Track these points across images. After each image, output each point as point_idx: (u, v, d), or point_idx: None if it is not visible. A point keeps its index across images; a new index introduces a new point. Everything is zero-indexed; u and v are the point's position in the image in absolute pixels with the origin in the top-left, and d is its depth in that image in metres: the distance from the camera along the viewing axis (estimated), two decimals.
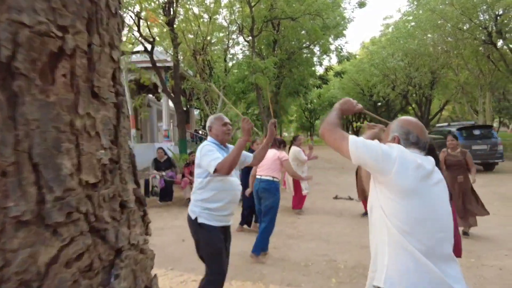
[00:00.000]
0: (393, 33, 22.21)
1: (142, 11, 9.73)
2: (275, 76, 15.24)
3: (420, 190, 1.40)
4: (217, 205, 2.51)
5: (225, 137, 2.68)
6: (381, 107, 33.47)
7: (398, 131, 1.60)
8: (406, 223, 1.37)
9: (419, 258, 1.34)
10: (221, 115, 2.81)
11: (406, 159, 1.41)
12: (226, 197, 2.54)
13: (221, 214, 2.55)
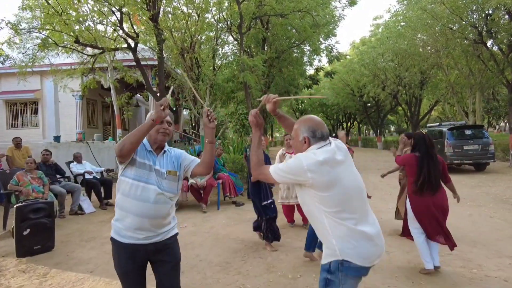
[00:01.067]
0: (383, 33, 22.10)
1: (124, 6, 9.28)
2: (265, 74, 14.88)
3: (335, 178, 1.78)
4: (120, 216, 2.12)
5: (158, 137, 2.19)
6: (371, 107, 33.45)
7: (305, 132, 1.93)
8: (336, 206, 1.77)
9: (351, 227, 1.77)
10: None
11: (313, 163, 1.77)
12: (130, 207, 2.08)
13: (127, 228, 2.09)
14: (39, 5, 9.14)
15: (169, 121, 2.26)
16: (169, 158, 2.25)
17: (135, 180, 2.07)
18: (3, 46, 9.77)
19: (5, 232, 5.51)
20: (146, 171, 2.10)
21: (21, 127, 15.70)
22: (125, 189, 2.09)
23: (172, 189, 2.18)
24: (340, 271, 1.79)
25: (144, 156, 2.14)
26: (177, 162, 2.26)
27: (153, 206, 2.07)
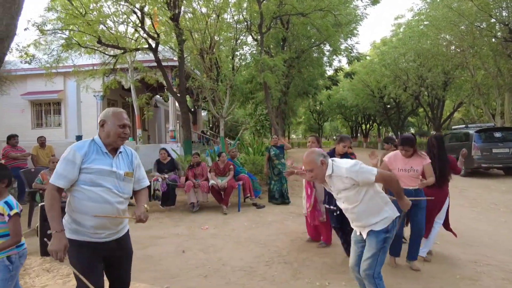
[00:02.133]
0: (405, 33, 21.54)
1: (145, 5, 9.31)
2: (285, 75, 14.72)
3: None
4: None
5: (118, 141, 2.19)
6: (391, 108, 32.70)
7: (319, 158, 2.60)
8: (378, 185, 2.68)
9: (384, 195, 2.71)
10: (122, 111, 2.26)
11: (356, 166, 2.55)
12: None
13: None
14: (63, 6, 9.28)
15: (129, 125, 2.25)
16: (125, 159, 2.27)
17: (93, 186, 2.08)
18: (30, 48, 9.92)
19: (30, 230, 5.55)
20: (104, 176, 2.11)
21: (45, 127, 16.07)
22: (82, 195, 2.09)
23: (129, 190, 2.26)
24: (394, 227, 2.60)
25: (100, 160, 2.12)
26: (132, 163, 2.29)
27: (114, 206, 2.14)
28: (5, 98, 14.72)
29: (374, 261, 2.54)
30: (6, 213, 2.43)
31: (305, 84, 17.49)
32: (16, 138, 8.06)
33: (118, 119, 2.18)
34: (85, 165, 2.07)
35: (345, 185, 2.52)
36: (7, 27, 3.35)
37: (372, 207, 2.55)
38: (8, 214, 2.43)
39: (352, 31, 16.45)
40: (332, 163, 2.57)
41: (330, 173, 2.56)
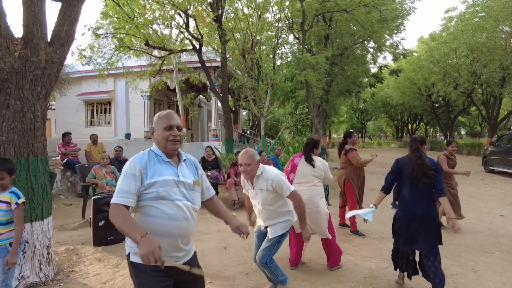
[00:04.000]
0: (457, 26, 20.21)
1: (190, 7, 9.59)
2: (327, 73, 14.47)
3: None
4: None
5: (168, 145, 1.88)
6: (439, 107, 30.91)
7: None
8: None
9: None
10: (167, 113, 1.96)
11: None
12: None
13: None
14: (115, 11, 9.83)
15: (179, 125, 1.93)
16: (189, 167, 2.01)
17: (157, 201, 1.80)
18: (86, 51, 10.62)
19: (83, 222, 5.94)
20: (170, 187, 1.84)
21: (97, 125, 17.14)
22: (147, 213, 1.81)
23: (198, 201, 2.01)
24: (289, 229, 3.23)
25: (163, 170, 1.85)
26: (196, 171, 2.04)
27: (185, 223, 1.86)
28: (63, 98, 15.92)
29: (269, 252, 3.06)
30: (14, 201, 2.67)
31: (348, 82, 17.06)
32: (69, 136, 8.66)
33: (164, 121, 1.91)
34: (147, 178, 1.81)
35: (268, 187, 2.96)
36: (67, 33, 3.60)
37: (279, 211, 3.08)
38: (16, 202, 2.68)
39: (398, 26, 15.76)
40: (262, 166, 3.05)
41: (260, 173, 3.00)
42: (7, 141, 3.34)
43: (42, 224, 3.58)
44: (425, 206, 3.13)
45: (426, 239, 3.11)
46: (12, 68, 3.25)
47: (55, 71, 3.60)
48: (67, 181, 8.39)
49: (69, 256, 4.33)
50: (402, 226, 3.27)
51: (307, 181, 3.91)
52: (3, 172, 2.68)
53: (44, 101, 3.58)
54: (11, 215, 2.72)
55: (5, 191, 2.73)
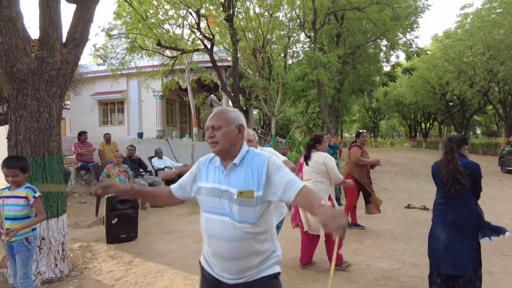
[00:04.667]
0: (473, 23, 19.77)
1: (201, 7, 9.64)
2: (339, 71, 14.38)
3: None
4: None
5: (211, 148, 1.60)
6: (454, 106, 30.31)
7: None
8: None
9: None
10: (211, 113, 1.66)
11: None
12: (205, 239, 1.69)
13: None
14: (128, 12, 9.96)
15: (214, 125, 1.58)
16: (245, 172, 1.56)
17: (208, 213, 1.61)
18: (100, 51, 10.79)
19: (97, 219, 6.04)
20: (214, 197, 1.59)
21: (110, 125, 17.40)
22: (200, 222, 1.69)
23: (247, 217, 1.53)
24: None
25: (211, 175, 1.63)
26: (259, 176, 1.54)
27: (229, 244, 1.54)
28: (77, 98, 16.21)
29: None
30: (31, 196, 2.80)
31: (360, 80, 16.90)
32: (85, 135, 8.80)
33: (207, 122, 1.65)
34: (198, 181, 1.69)
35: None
36: (81, 34, 3.67)
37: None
38: (34, 196, 2.80)
39: (411, 24, 15.53)
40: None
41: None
42: (24, 140, 3.42)
43: (57, 221, 3.65)
44: (456, 217, 2.77)
45: (455, 257, 2.68)
46: (29, 69, 3.33)
47: (70, 71, 3.67)
48: (81, 179, 8.54)
49: (83, 253, 4.41)
50: (433, 242, 2.89)
51: (309, 178, 3.92)
52: (16, 169, 2.77)
53: (59, 101, 3.65)
54: (26, 210, 2.82)
55: (19, 187, 2.82)
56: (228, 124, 1.58)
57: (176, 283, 3.59)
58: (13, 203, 2.77)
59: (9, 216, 2.76)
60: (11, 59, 3.29)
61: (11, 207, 2.76)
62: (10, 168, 2.76)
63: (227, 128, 1.57)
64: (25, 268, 2.79)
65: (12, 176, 2.75)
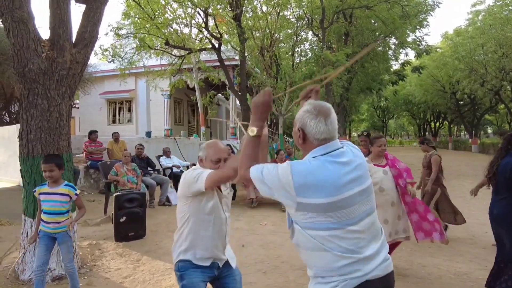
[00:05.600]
0: (484, 21, 19.46)
1: (209, 7, 9.67)
2: (347, 70, 14.29)
3: None
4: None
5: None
6: (464, 105, 29.88)
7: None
8: None
9: None
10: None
11: None
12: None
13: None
14: (136, 12, 10.04)
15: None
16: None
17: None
18: (109, 50, 10.89)
19: (105, 217, 6.10)
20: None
21: (118, 123, 17.56)
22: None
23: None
24: None
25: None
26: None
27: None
28: (86, 97, 16.39)
29: None
30: (73, 194, 3.05)
31: (369, 79, 16.77)
32: (95, 133, 8.89)
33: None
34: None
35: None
36: (90, 34, 3.71)
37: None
38: (75, 193, 3.07)
39: (421, 22, 15.35)
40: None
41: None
42: (35, 139, 3.47)
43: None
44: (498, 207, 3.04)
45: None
46: (40, 69, 3.38)
47: (79, 71, 3.71)
48: (90, 178, 8.64)
49: (92, 251, 4.46)
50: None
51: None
52: (52, 164, 2.95)
53: (69, 100, 3.70)
54: (67, 206, 3.06)
55: (58, 184, 3.03)
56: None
57: None
58: (55, 200, 2.99)
59: (50, 211, 2.98)
60: (22, 59, 3.34)
61: (53, 203, 2.99)
62: (47, 163, 2.96)
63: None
64: (70, 254, 3.09)
65: (49, 171, 2.94)
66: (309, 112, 1.41)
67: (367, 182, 1.42)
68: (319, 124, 1.38)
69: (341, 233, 1.30)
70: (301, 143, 1.45)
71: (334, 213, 1.30)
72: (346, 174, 1.34)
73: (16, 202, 4.89)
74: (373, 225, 1.40)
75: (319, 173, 1.31)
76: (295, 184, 1.29)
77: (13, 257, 4.09)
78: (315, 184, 1.29)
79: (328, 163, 1.34)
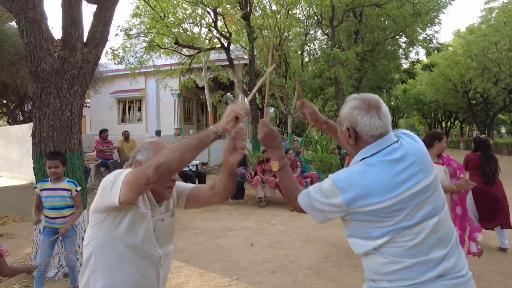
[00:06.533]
0: (498, 18, 19.10)
1: (218, 6, 9.70)
2: (357, 69, 14.18)
3: None
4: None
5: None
6: (477, 104, 29.36)
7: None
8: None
9: None
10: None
11: None
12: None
13: None
14: (146, 12, 10.12)
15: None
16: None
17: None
18: (118, 51, 11.01)
19: None
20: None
21: (128, 122, 17.73)
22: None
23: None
24: None
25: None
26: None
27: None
28: (97, 96, 16.59)
29: None
30: (74, 189, 3.11)
31: (379, 78, 16.61)
32: (106, 132, 9.00)
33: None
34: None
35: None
36: (101, 33, 3.75)
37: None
38: (76, 190, 3.12)
39: (433, 20, 15.12)
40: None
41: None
42: (47, 137, 3.52)
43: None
44: None
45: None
46: (52, 68, 3.43)
47: (90, 70, 3.76)
48: (101, 176, 8.74)
49: None
50: None
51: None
52: (57, 161, 3.05)
53: (80, 99, 3.75)
54: (69, 201, 3.13)
55: (61, 180, 3.11)
56: None
57: (192, 279, 3.63)
58: (58, 195, 3.08)
59: (53, 206, 3.07)
60: (35, 59, 3.40)
61: (56, 198, 3.08)
62: (53, 159, 3.05)
63: None
64: (74, 248, 3.22)
65: (54, 167, 3.02)
66: (358, 108, 1.28)
67: (427, 179, 1.23)
68: (373, 119, 1.25)
69: (396, 237, 1.18)
70: (353, 143, 1.31)
71: (389, 217, 1.18)
72: (399, 174, 1.20)
73: (29, 199, 4.97)
74: (437, 228, 1.21)
75: (366, 178, 1.20)
76: (344, 197, 1.19)
77: (26, 252, 4.17)
78: (363, 190, 1.18)
79: (378, 163, 1.22)
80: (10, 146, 9.74)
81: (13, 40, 10.41)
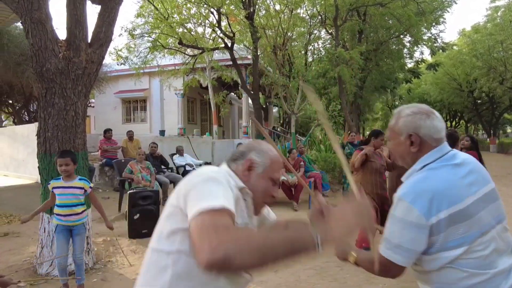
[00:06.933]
0: (504, 17, 18.94)
1: (222, 6, 9.72)
2: (361, 68, 14.13)
3: None
4: None
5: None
6: (482, 104, 29.12)
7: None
8: None
9: None
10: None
11: None
12: None
13: None
14: (150, 12, 10.16)
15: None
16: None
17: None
18: (122, 51, 11.07)
19: (120, 215, 6.21)
20: None
21: (133, 122, 17.80)
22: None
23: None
24: None
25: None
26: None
27: None
28: (101, 96, 16.67)
29: None
30: (87, 186, 3.21)
31: (383, 77, 16.55)
32: (110, 132, 9.05)
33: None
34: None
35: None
36: (105, 34, 3.78)
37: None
38: (90, 187, 3.23)
39: (437, 19, 15.03)
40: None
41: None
42: (52, 137, 3.55)
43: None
44: None
45: None
46: (57, 69, 3.46)
47: (95, 70, 3.78)
48: (105, 175, 8.79)
49: (106, 247, 4.55)
50: None
51: None
52: (68, 159, 3.11)
53: (84, 99, 3.77)
54: (82, 199, 3.23)
55: (73, 179, 3.19)
56: None
57: None
58: (70, 193, 3.15)
59: (65, 204, 3.14)
60: (40, 59, 3.43)
61: (68, 196, 3.15)
62: (63, 157, 3.11)
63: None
64: (83, 245, 3.33)
65: (65, 165, 3.09)
66: (418, 113, 1.26)
67: (489, 186, 1.24)
68: (435, 122, 1.24)
69: (472, 246, 1.13)
70: (416, 150, 1.26)
71: (460, 224, 1.13)
72: (463, 178, 1.18)
73: (35, 198, 5.02)
74: (503, 236, 1.20)
75: (433, 181, 1.16)
76: (418, 208, 1.13)
77: (31, 251, 4.21)
78: (434, 194, 1.13)
79: (441, 167, 1.19)
80: (16, 146, 9.83)
81: (19, 40, 10.50)
